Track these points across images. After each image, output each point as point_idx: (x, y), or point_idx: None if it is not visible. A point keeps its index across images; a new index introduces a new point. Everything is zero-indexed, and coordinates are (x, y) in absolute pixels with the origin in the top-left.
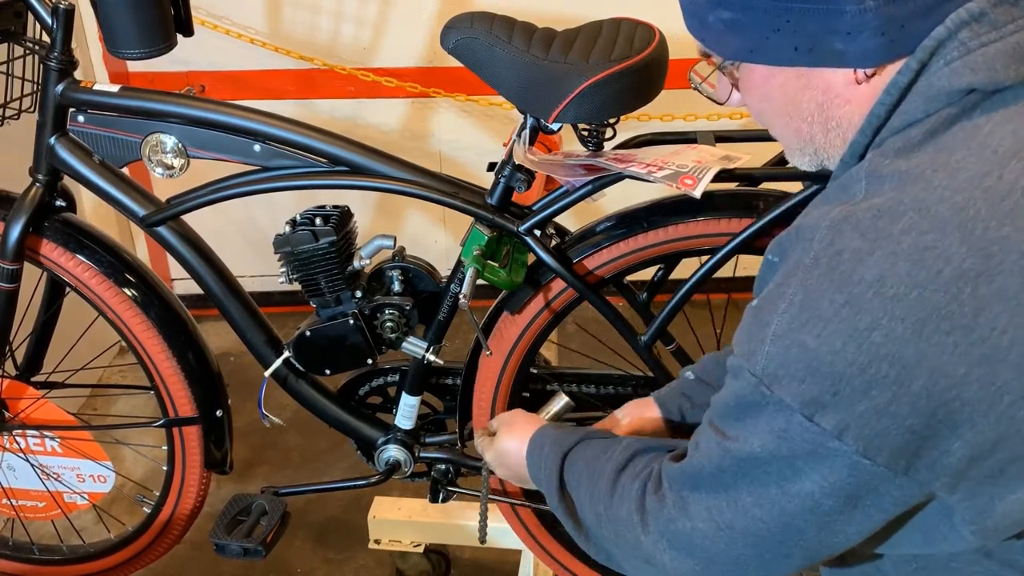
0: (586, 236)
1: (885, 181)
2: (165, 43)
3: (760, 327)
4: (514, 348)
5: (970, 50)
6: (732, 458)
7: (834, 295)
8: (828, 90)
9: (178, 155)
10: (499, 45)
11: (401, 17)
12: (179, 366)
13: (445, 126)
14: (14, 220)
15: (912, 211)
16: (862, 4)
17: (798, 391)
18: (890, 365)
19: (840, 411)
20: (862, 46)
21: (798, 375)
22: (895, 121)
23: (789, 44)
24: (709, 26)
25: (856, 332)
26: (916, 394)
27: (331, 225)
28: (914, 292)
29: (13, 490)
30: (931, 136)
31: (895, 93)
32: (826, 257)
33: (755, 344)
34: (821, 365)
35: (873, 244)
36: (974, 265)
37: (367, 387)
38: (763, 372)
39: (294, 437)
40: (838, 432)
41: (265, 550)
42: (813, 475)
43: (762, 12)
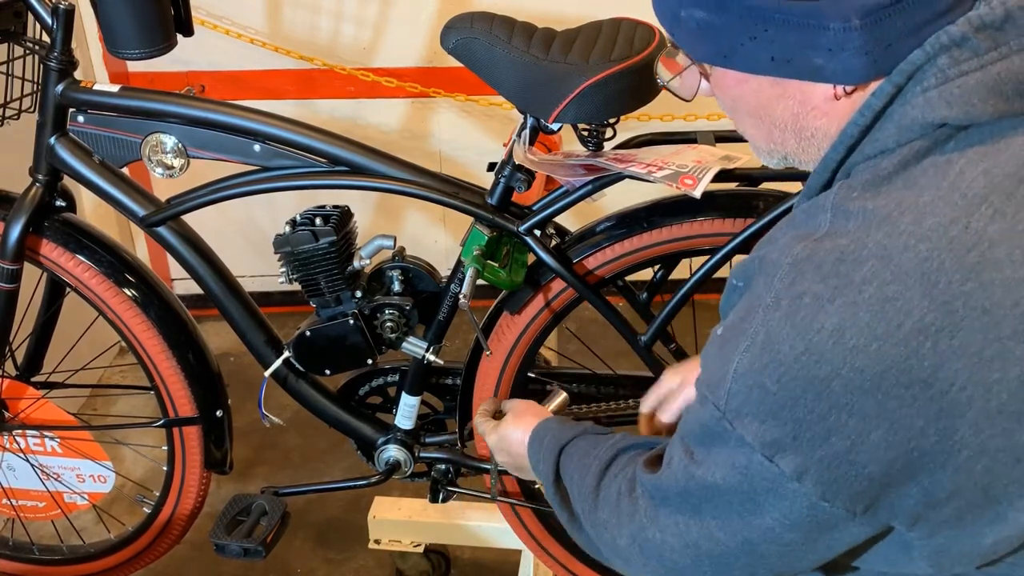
0: (586, 236)
1: (851, 218)
2: (165, 43)
3: (723, 361)
4: (514, 348)
5: (948, 78)
6: (697, 483)
7: (794, 341)
8: (805, 102)
9: (178, 155)
10: (499, 45)
11: (401, 17)
12: (179, 366)
13: (445, 126)
14: (14, 220)
15: (875, 259)
16: (848, 22)
17: (759, 431)
18: (849, 415)
19: (800, 455)
20: (843, 63)
21: (759, 416)
22: (866, 147)
23: (765, 53)
24: (681, 23)
25: (816, 381)
26: (875, 444)
27: (331, 225)
28: (874, 344)
29: (13, 490)
30: (901, 169)
31: (869, 115)
32: (787, 299)
33: (718, 377)
34: (781, 410)
35: (834, 291)
36: (935, 320)
37: (367, 387)
38: (726, 407)
39: (294, 437)
40: (797, 475)
41: (265, 550)
42: (773, 511)
43: (738, 17)
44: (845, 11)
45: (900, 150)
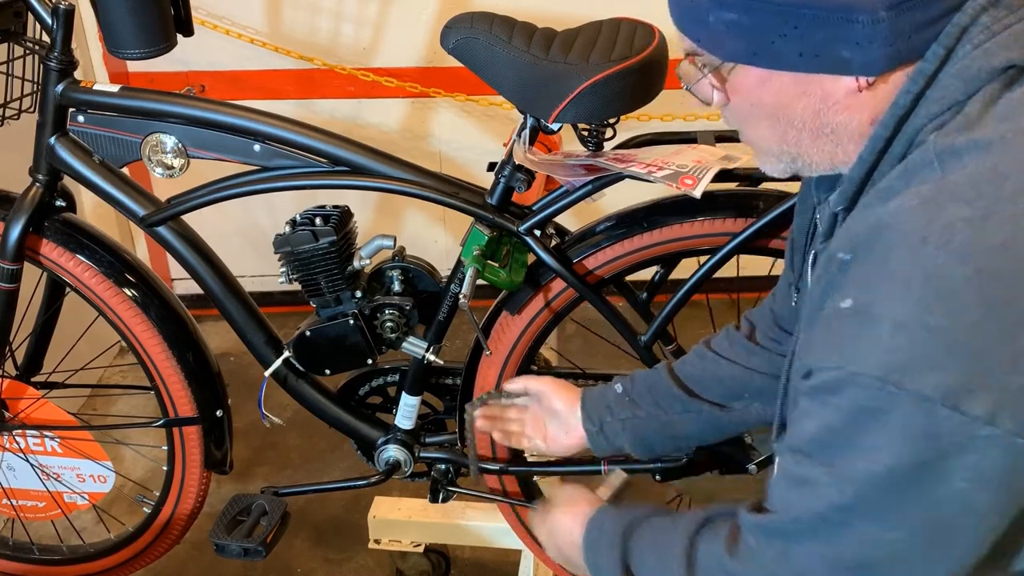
0: (586, 236)
1: (963, 154)
2: (165, 43)
3: (870, 324)
4: (514, 348)
5: (995, 32)
6: (853, 485)
7: (960, 267)
8: (827, 97)
9: (178, 155)
10: (499, 45)
11: (401, 17)
12: (179, 366)
13: (445, 126)
14: (14, 220)
15: (1016, 172)
16: (875, 15)
17: (939, 380)
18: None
19: (990, 392)
20: (869, 55)
21: (935, 361)
22: (932, 107)
23: (794, 49)
24: (708, 26)
25: (995, 302)
26: None
27: (331, 225)
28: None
29: (13, 490)
30: (987, 108)
31: (921, 81)
32: (935, 233)
33: (863, 344)
34: (960, 345)
35: (987, 210)
36: None
37: (367, 387)
38: (886, 369)
39: (294, 437)
40: (990, 416)
41: (265, 550)
42: (962, 471)
43: (770, 15)
44: (873, 4)
45: (973, 98)
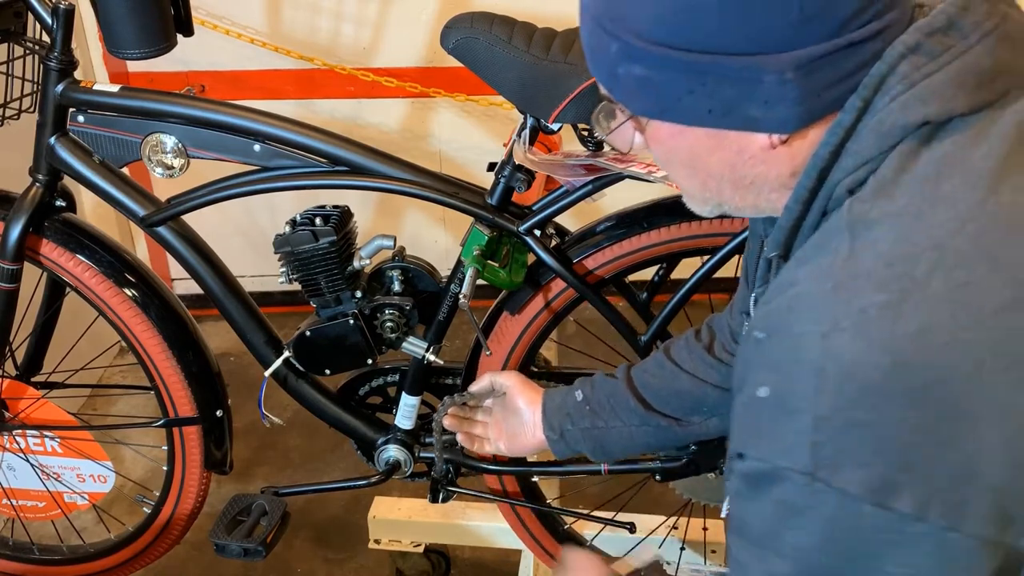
0: (586, 236)
1: (874, 226)
2: (165, 43)
3: (790, 417)
4: (514, 348)
5: (915, 82)
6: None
7: (877, 358)
8: (741, 151)
9: (178, 155)
10: (499, 45)
11: (401, 17)
12: (179, 366)
13: (445, 126)
14: (14, 220)
15: (929, 250)
16: (782, 76)
17: (864, 477)
18: (957, 420)
19: (916, 488)
20: (780, 114)
21: (860, 458)
22: (846, 161)
23: (703, 106)
24: (619, 79)
25: (913, 393)
26: (994, 446)
27: (331, 225)
28: (963, 335)
29: (13, 490)
30: (902, 170)
31: (840, 133)
32: (847, 319)
33: (790, 438)
34: (884, 441)
35: (901, 294)
36: (1015, 293)
37: (367, 387)
38: (814, 466)
39: (294, 437)
40: (918, 512)
41: (265, 550)
42: (895, 564)
43: (677, 72)
44: (779, 64)
45: (890, 155)
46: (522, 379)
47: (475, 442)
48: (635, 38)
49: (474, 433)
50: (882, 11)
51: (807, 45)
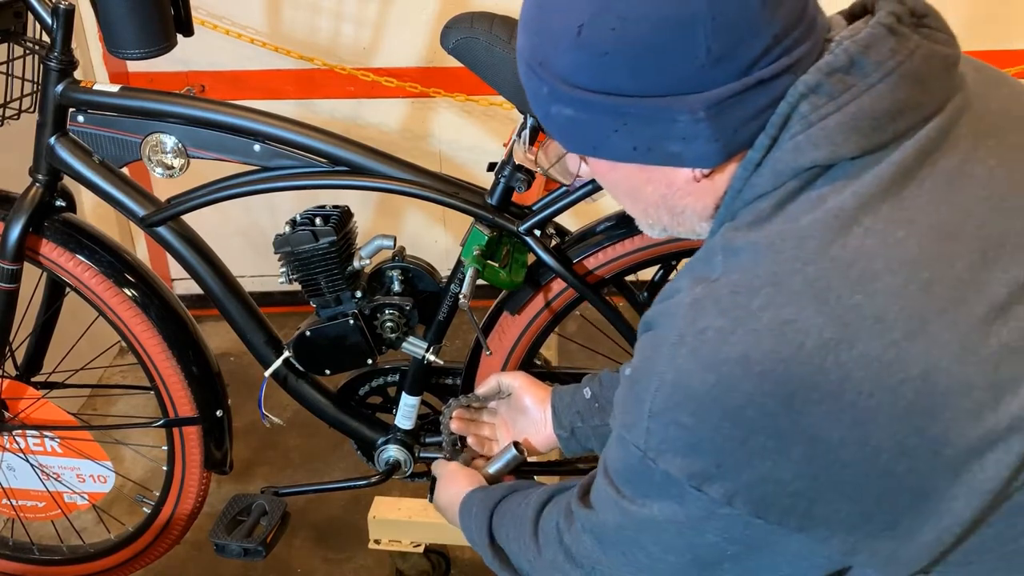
0: (586, 236)
1: (739, 253)
2: (165, 43)
3: (637, 402)
4: (514, 348)
5: (811, 123)
6: (632, 519)
7: (704, 375)
8: (670, 184)
9: (178, 155)
10: (499, 45)
11: (401, 17)
12: (179, 366)
13: (445, 126)
14: (14, 220)
15: (768, 286)
16: (695, 115)
17: (683, 465)
18: (767, 437)
19: (726, 481)
20: (698, 150)
21: (680, 451)
22: (746, 193)
23: (628, 144)
24: (552, 118)
25: (730, 410)
26: (796, 461)
27: (331, 225)
28: (780, 367)
29: (13, 490)
30: (779, 208)
31: (750, 168)
32: (691, 336)
33: (634, 418)
34: (701, 442)
35: (734, 322)
36: (833, 334)
37: (367, 387)
38: (646, 446)
39: (294, 437)
40: (727, 500)
41: (265, 550)
42: (713, 531)
43: (601, 113)
44: (691, 105)
45: (776, 192)
46: (529, 379)
47: (484, 444)
48: (560, 83)
49: (482, 435)
50: (791, 47)
51: (717, 86)
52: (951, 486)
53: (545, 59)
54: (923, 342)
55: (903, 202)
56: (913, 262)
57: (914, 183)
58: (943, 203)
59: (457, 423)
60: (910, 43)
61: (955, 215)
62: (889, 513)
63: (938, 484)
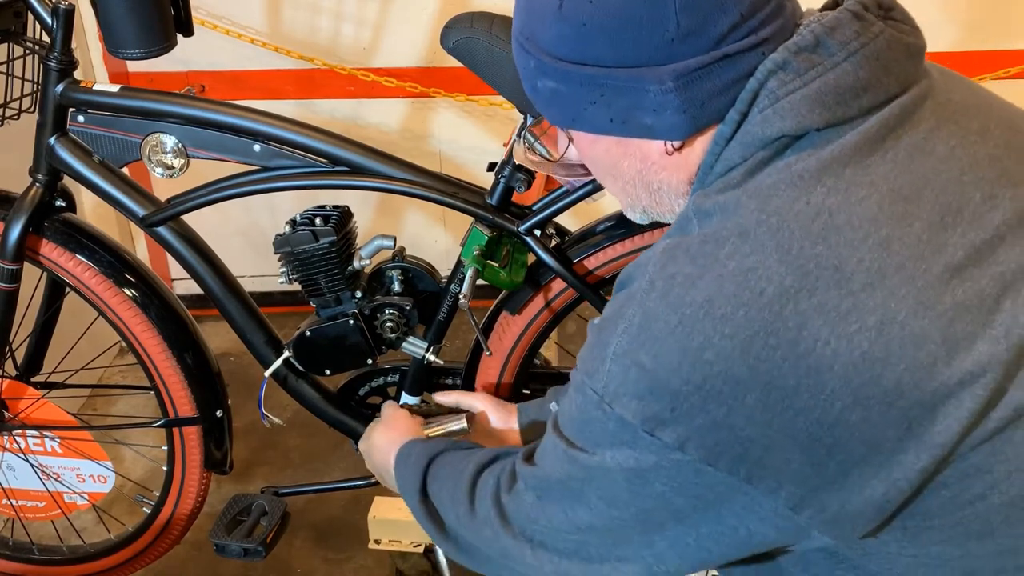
0: (586, 236)
1: (711, 214)
2: (165, 43)
3: (601, 346)
4: (514, 348)
5: (778, 98)
6: (580, 466)
7: (668, 316)
8: (645, 158)
9: (178, 155)
10: (499, 45)
11: (401, 17)
12: (179, 366)
13: (445, 126)
14: (14, 220)
15: (734, 236)
16: (663, 85)
17: (638, 408)
18: (723, 381)
19: (679, 426)
20: (667, 121)
21: (637, 393)
22: (718, 167)
23: (605, 116)
24: (538, 91)
25: (689, 351)
26: (751, 407)
27: (331, 225)
28: (741, 311)
29: (13, 490)
30: (748, 176)
31: (721, 143)
32: (661, 280)
33: (596, 363)
34: (658, 384)
35: (702, 269)
36: (794, 283)
37: (367, 387)
38: (604, 390)
39: (294, 437)
40: (679, 444)
41: (265, 550)
42: (661, 479)
43: (579, 85)
44: (661, 75)
45: (745, 163)
46: (492, 400)
47: None
48: (545, 55)
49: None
50: (756, 27)
51: (686, 58)
52: (902, 438)
53: (532, 34)
54: (880, 294)
55: (866, 168)
56: (873, 219)
57: (878, 152)
58: (904, 171)
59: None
60: (874, 28)
61: (915, 182)
62: (840, 464)
63: (889, 435)
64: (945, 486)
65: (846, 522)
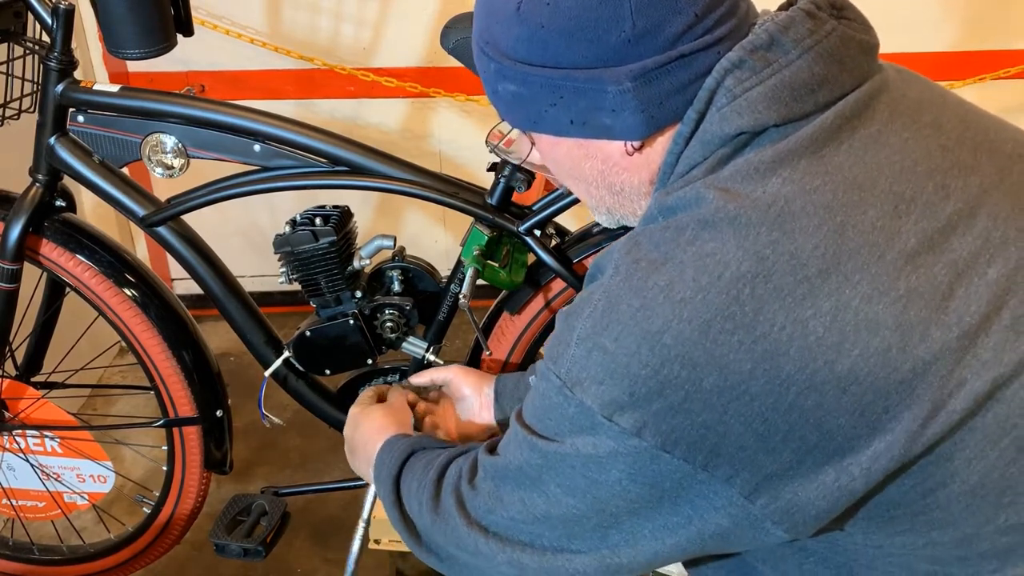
0: (586, 236)
1: (674, 208)
2: (165, 43)
3: (567, 330)
4: (514, 348)
5: (735, 96)
6: (539, 453)
7: (631, 300)
8: (607, 159)
9: (178, 155)
10: None
11: (401, 17)
12: (179, 366)
13: (445, 126)
14: (14, 220)
15: (694, 222)
16: (621, 85)
17: (597, 393)
18: (681, 366)
19: (637, 411)
20: (626, 122)
21: (597, 377)
22: (680, 167)
23: (565, 118)
24: (499, 95)
25: (649, 335)
26: (708, 391)
27: (331, 225)
28: (699, 295)
29: (13, 490)
30: (709, 172)
31: (681, 143)
32: (625, 265)
33: (560, 348)
34: (618, 368)
35: (664, 255)
36: (751, 268)
37: (367, 387)
38: (566, 375)
39: (294, 437)
40: (636, 430)
41: (265, 550)
42: (618, 466)
43: (539, 87)
44: (618, 76)
45: (706, 161)
46: (463, 368)
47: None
48: (504, 58)
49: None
50: (711, 27)
51: (642, 59)
52: (856, 425)
53: (492, 38)
54: (835, 280)
55: (821, 159)
56: (828, 207)
57: (832, 144)
58: (859, 162)
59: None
60: (827, 26)
61: (869, 172)
62: (794, 451)
63: (842, 422)
64: (907, 475)
65: (798, 513)
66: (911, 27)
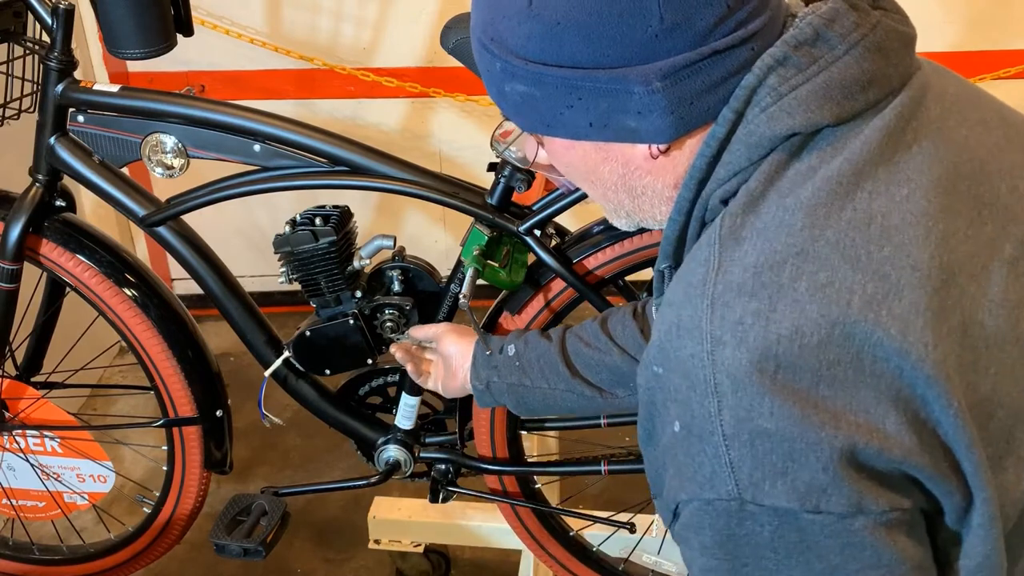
0: (586, 236)
1: (742, 241)
2: (165, 43)
3: (697, 443)
4: None
5: (782, 95)
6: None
7: (763, 364)
8: (628, 163)
9: (178, 155)
10: None
11: (401, 17)
12: (179, 366)
13: (445, 126)
14: (14, 220)
15: (792, 257)
16: (649, 85)
17: (789, 488)
18: (852, 406)
19: (841, 484)
20: (654, 124)
21: (776, 468)
22: (720, 172)
23: (583, 120)
24: (506, 96)
25: (802, 392)
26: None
27: (331, 225)
28: (836, 330)
29: (13, 490)
30: (770, 183)
31: (714, 145)
32: (728, 333)
33: (708, 466)
34: (794, 443)
35: (771, 300)
36: (878, 288)
37: (367, 387)
38: (740, 488)
39: (294, 437)
40: (854, 507)
41: (265, 550)
42: (851, 562)
43: (553, 88)
44: (646, 75)
45: (761, 166)
46: (451, 327)
47: (421, 373)
48: (513, 57)
49: (421, 369)
50: (745, 20)
51: (671, 55)
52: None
53: (497, 34)
54: (955, 292)
55: (897, 165)
56: (926, 214)
57: (902, 147)
58: (934, 164)
59: (401, 353)
60: (871, 18)
61: (948, 174)
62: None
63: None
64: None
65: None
66: None
